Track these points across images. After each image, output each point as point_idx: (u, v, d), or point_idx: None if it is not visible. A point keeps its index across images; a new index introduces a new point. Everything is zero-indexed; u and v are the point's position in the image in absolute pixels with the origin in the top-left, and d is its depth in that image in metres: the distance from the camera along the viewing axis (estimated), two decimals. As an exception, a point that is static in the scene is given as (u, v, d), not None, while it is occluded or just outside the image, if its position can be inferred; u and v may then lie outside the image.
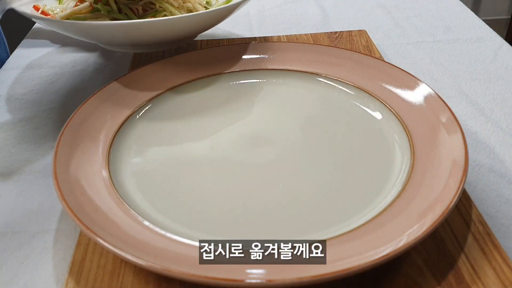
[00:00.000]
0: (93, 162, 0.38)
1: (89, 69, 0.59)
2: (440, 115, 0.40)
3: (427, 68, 0.56)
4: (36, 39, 0.66)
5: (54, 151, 0.37)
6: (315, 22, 0.70)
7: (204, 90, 0.49)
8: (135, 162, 0.40)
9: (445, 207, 0.31)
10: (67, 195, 0.33)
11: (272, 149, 0.41)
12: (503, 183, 0.40)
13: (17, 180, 0.42)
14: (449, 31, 0.65)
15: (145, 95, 0.46)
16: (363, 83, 0.47)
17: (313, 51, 0.51)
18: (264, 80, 0.50)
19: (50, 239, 0.36)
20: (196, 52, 0.51)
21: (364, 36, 0.61)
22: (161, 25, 0.45)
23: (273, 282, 0.27)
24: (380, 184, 0.36)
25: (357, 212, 0.34)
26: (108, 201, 0.34)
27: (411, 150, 0.38)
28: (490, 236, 0.33)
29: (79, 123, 0.41)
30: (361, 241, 0.31)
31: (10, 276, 0.33)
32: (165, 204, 0.36)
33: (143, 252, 0.30)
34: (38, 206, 0.39)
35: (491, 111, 0.49)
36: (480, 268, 0.31)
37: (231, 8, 0.49)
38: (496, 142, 0.44)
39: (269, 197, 0.36)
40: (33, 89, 0.55)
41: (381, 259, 0.28)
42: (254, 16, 0.72)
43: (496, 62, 0.57)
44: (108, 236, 0.30)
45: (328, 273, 0.28)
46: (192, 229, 0.33)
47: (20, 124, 0.49)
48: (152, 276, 0.32)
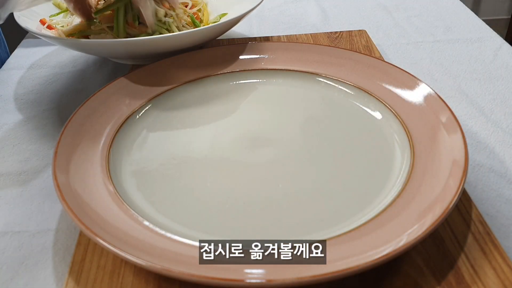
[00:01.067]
0: (93, 162, 0.38)
1: (89, 69, 0.59)
2: (440, 115, 0.40)
3: (427, 68, 0.56)
4: (36, 39, 0.66)
5: (54, 151, 0.37)
6: (315, 22, 0.70)
7: (204, 90, 0.49)
8: (135, 162, 0.40)
9: (445, 207, 0.31)
10: (67, 195, 0.33)
11: (272, 149, 0.41)
12: (503, 183, 0.40)
13: (17, 180, 0.42)
14: (449, 31, 0.65)
15: (145, 95, 0.46)
16: (363, 83, 0.47)
17: (313, 51, 0.51)
18: (264, 80, 0.50)
19: (50, 239, 0.36)
20: (196, 52, 0.51)
21: (364, 36, 0.61)
22: (161, 41, 0.47)
23: (273, 282, 0.27)
24: (380, 184, 0.36)
25: (357, 212, 0.34)
26: (108, 201, 0.34)
27: (411, 150, 0.38)
28: (490, 236, 0.33)
29: (79, 123, 0.41)
30: (361, 241, 0.31)
31: (10, 276, 0.33)
32: (165, 204, 0.36)
33: (143, 252, 0.30)
34: (38, 206, 0.39)
35: (491, 111, 0.49)
36: (480, 268, 0.31)
37: (234, 21, 0.50)
38: (496, 142, 0.44)
39: (269, 197, 0.36)
40: (33, 89, 0.55)
41: (381, 259, 0.28)
42: (254, 16, 0.72)
43: (496, 62, 0.57)
44: (108, 236, 0.30)
45: (328, 273, 0.28)
46: (192, 229, 0.33)
47: (20, 124, 0.49)
48: (152, 276, 0.32)
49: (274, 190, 0.37)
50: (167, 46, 0.48)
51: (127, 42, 0.46)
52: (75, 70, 0.59)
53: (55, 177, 0.35)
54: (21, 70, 0.59)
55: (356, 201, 0.35)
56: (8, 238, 0.36)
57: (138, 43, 0.46)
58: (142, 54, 0.50)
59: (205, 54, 0.51)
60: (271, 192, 0.37)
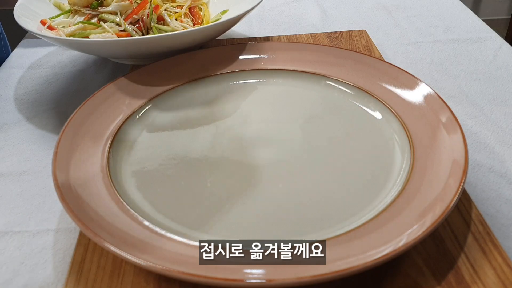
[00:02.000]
0: (93, 162, 0.38)
1: (89, 69, 0.59)
2: (440, 115, 0.40)
3: (427, 68, 0.56)
4: (36, 39, 0.66)
5: (54, 151, 0.37)
6: (315, 22, 0.70)
7: (204, 90, 0.49)
8: (135, 162, 0.40)
9: (445, 207, 0.31)
10: (67, 195, 0.33)
11: (272, 149, 0.41)
12: (503, 183, 0.40)
13: (17, 180, 0.42)
14: (449, 31, 0.65)
15: (145, 95, 0.46)
16: (363, 83, 0.47)
17: (313, 51, 0.51)
18: (264, 80, 0.50)
19: (50, 239, 0.36)
20: (196, 52, 0.51)
21: (364, 36, 0.61)
22: (161, 41, 0.46)
23: (273, 282, 0.27)
24: (380, 184, 0.36)
25: (357, 212, 0.34)
26: (108, 201, 0.34)
27: (411, 150, 0.38)
28: (490, 236, 0.33)
29: (79, 123, 0.41)
30: (361, 241, 0.31)
31: (10, 276, 0.33)
32: (165, 204, 0.36)
33: (143, 252, 0.30)
34: (38, 206, 0.39)
35: (491, 111, 0.48)
36: (480, 268, 0.31)
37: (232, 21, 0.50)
38: (496, 142, 0.44)
39: (269, 197, 0.36)
40: (33, 89, 0.55)
41: (381, 259, 0.28)
42: (254, 16, 0.72)
43: (496, 62, 0.57)
44: (108, 236, 0.30)
45: (328, 273, 0.28)
46: (192, 229, 0.33)
47: (20, 124, 0.49)
48: (152, 276, 0.32)
49: (274, 190, 0.37)
50: (167, 45, 0.48)
51: (127, 42, 0.46)
52: (75, 70, 0.59)
53: (55, 177, 0.34)
54: (21, 70, 0.59)
55: (356, 201, 0.35)
56: (8, 238, 0.36)
57: (138, 42, 0.46)
58: (142, 54, 0.50)
59: (205, 54, 0.51)
60: (271, 192, 0.37)
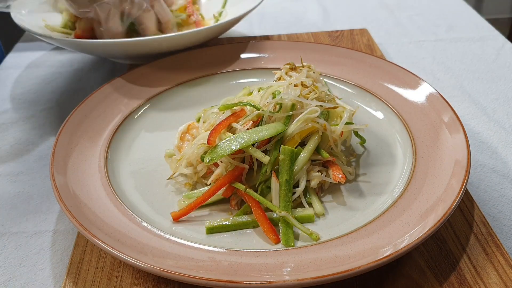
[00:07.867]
0: (91, 162, 0.38)
1: (86, 68, 0.58)
2: (442, 114, 0.39)
3: (429, 67, 0.56)
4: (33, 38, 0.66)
5: (51, 152, 0.37)
6: (316, 21, 0.69)
7: (204, 89, 0.48)
8: (134, 162, 0.40)
9: (448, 208, 0.30)
10: (64, 196, 0.33)
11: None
12: (505, 184, 0.39)
13: (14, 181, 0.42)
14: (451, 30, 0.64)
15: (143, 95, 0.46)
16: (364, 82, 0.46)
17: (314, 50, 0.50)
18: (264, 79, 0.49)
19: (47, 240, 0.36)
20: (196, 51, 0.51)
21: (366, 35, 0.61)
22: (161, 41, 0.46)
23: (273, 284, 0.27)
24: (382, 184, 0.36)
25: (358, 212, 0.34)
26: (106, 202, 0.34)
27: (413, 150, 0.38)
28: (492, 237, 0.33)
29: (77, 123, 0.41)
30: (362, 242, 0.30)
31: (8, 278, 0.33)
32: (163, 205, 0.35)
33: (141, 253, 0.29)
34: (35, 207, 0.39)
35: (493, 110, 0.48)
36: (482, 269, 0.31)
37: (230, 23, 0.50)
38: (498, 142, 0.44)
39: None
40: (30, 88, 0.55)
41: (382, 260, 0.28)
42: (254, 14, 0.71)
43: (498, 61, 0.56)
44: (106, 237, 0.30)
45: (328, 274, 0.27)
46: (191, 230, 0.33)
47: (17, 124, 0.49)
48: (151, 278, 0.31)
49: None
50: (167, 46, 0.48)
51: (127, 42, 0.45)
52: (72, 69, 0.58)
53: (53, 178, 0.34)
54: (19, 70, 0.59)
55: (357, 201, 0.35)
56: (5, 239, 0.36)
57: (138, 43, 0.46)
58: (142, 54, 0.49)
59: (205, 53, 0.51)
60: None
